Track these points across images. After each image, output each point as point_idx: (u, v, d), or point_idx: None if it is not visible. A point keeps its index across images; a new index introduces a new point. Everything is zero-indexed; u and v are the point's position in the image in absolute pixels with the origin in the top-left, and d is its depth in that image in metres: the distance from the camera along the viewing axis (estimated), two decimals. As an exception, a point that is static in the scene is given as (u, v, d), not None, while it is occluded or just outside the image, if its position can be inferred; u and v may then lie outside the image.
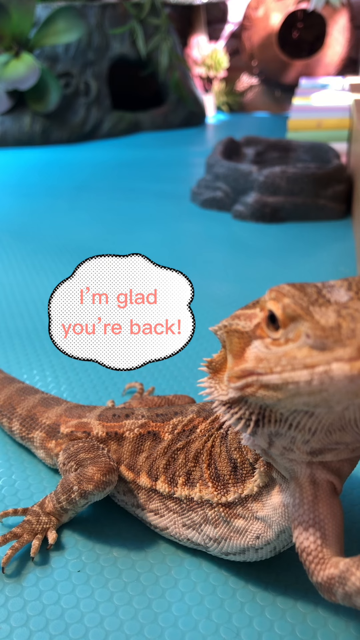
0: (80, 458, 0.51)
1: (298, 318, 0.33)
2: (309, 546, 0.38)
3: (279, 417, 0.35)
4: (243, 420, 0.37)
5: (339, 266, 1.12)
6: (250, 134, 1.88)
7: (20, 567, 0.49)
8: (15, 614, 0.45)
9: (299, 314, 0.33)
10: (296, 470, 0.39)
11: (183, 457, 0.48)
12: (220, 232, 1.37)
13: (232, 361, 0.38)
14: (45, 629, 0.43)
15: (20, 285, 1.09)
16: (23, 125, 2.44)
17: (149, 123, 2.74)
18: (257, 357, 0.35)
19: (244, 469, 0.44)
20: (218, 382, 0.40)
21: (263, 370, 0.34)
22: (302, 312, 0.32)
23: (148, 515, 0.50)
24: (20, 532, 0.50)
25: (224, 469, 0.45)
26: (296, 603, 0.45)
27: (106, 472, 0.49)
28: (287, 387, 0.32)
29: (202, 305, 0.98)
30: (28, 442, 0.60)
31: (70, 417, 0.58)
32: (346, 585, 0.35)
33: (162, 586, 0.47)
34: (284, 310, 0.33)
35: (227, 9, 3.18)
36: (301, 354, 0.32)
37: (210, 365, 0.41)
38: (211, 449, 0.47)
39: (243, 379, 0.35)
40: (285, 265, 1.15)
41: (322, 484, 0.39)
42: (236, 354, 0.37)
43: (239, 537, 0.45)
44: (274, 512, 0.42)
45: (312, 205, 1.40)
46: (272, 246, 1.27)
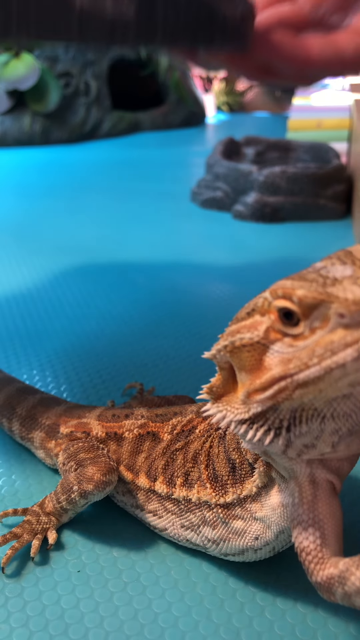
0: (80, 458, 0.51)
1: (321, 304, 0.32)
2: (308, 546, 0.38)
3: (311, 414, 0.34)
4: (272, 430, 0.35)
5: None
6: (250, 134, 1.88)
7: (20, 567, 0.49)
8: (15, 615, 0.45)
9: (321, 299, 0.32)
10: (295, 469, 0.39)
11: (182, 458, 0.48)
12: (220, 232, 1.37)
13: (247, 377, 0.36)
14: (45, 629, 0.43)
15: (20, 285, 1.09)
16: (23, 125, 2.44)
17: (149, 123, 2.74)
18: (282, 360, 0.34)
19: (242, 469, 0.44)
20: (226, 404, 0.38)
21: (296, 369, 0.33)
22: (325, 296, 0.32)
23: (147, 516, 0.50)
24: (20, 532, 0.50)
25: (222, 470, 0.45)
26: (296, 603, 0.45)
27: (106, 472, 0.49)
28: (331, 375, 0.31)
29: (202, 306, 0.98)
30: (28, 442, 0.60)
31: (70, 417, 0.58)
32: (345, 585, 0.35)
33: (162, 586, 0.47)
34: (302, 302, 0.32)
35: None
36: (337, 336, 0.31)
37: (212, 392, 0.39)
38: (209, 449, 0.47)
39: (271, 388, 0.34)
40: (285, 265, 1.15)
41: (321, 483, 0.39)
42: (251, 368, 0.35)
43: (238, 538, 0.45)
44: (272, 512, 0.42)
45: (312, 205, 1.40)
46: (272, 246, 1.27)
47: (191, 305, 0.98)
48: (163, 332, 0.88)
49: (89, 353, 0.83)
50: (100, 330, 0.90)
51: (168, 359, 0.80)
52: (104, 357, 0.82)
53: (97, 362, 0.80)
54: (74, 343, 0.86)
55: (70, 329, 0.91)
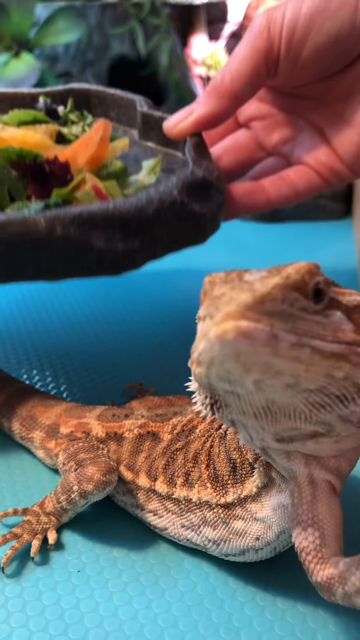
0: (80, 458, 0.51)
1: (206, 295, 0.33)
2: (308, 546, 0.38)
3: (221, 399, 0.35)
4: (203, 405, 0.37)
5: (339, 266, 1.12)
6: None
7: (20, 567, 0.49)
8: (15, 615, 0.45)
9: (205, 290, 0.34)
10: (294, 470, 0.39)
11: (182, 458, 0.48)
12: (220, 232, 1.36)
13: None
14: (45, 629, 0.43)
15: (20, 285, 1.09)
16: (23, 125, 2.44)
17: (149, 123, 2.74)
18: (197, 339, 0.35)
19: (243, 469, 0.44)
20: None
21: (193, 348, 0.34)
22: (208, 288, 0.33)
23: (147, 516, 0.50)
24: (20, 532, 0.50)
25: (223, 470, 0.45)
26: (296, 603, 0.45)
27: (106, 472, 0.49)
28: (199, 360, 0.32)
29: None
30: (28, 442, 0.60)
31: (70, 417, 0.58)
32: (346, 585, 0.35)
33: (162, 586, 0.47)
34: (202, 291, 0.34)
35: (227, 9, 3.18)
36: (203, 325, 0.32)
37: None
38: (210, 449, 0.47)
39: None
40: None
41: (320, 483, 0.39)
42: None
43: (239, 538, 0.45)
44: (273, 512, 0.42)
45: (312, 205, 1.40)
46: (272, 246, 1.27)
47: (191, 305, 0.98)
48: (163, 332, 0.88)
49: (89, 353, 0.83)
50: (101, 330, 0.90)
51: (168, 359, 0.80)
52: (104, 357, 0.82)
53: (97, 362, 0.80)
54: (74, 342, 0.86)
55: (71, 328, 0.91)
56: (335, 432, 0.36)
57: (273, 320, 0.30)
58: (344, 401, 0.34)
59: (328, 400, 0.33)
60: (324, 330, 0.33)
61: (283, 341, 0.30)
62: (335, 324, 0.34)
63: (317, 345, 0.32)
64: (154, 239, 0.56)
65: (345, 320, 0.34)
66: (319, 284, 0.33)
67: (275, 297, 0.31)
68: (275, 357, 0.30)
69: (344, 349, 0.33)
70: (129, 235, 0.53)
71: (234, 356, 0.30)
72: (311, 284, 0.33)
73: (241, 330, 0.29)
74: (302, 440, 0.37)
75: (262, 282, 0.32)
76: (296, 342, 0.31)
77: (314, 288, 0.33)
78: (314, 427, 0.35)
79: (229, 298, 0.31)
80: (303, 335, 0.31)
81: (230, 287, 0.32)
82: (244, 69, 0.60)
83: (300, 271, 0.33)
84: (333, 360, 0.32)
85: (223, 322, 0.30)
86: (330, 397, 0.33)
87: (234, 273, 0.34)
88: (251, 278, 0.33)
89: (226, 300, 0.31)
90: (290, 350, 0.31)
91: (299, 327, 0.31)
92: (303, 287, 0.33)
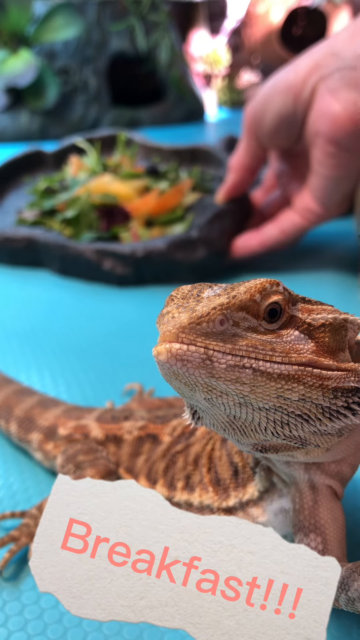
0: (79, 460, 0.51)
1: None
2: (311, 552, 0.37)
3: (198, 410, 0.36)
4: (189, 414, 0.37)
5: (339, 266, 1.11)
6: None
7: (18, 570, 0.48)
8: (13, 618, 0.44)
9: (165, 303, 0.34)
10: (295, 475, 0.39)
11: (182, 461, 0.48)
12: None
13: None
14: (44, 632, 0.43)
15: (19, 285, 1.09)
16: (21, 122, 2.43)
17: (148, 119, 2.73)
18: None
19: (245, 472, 0.44)
20: None
21: None
22: (166, 302, 0.34)
23: (147, 519, 0.50)
24: (18, 535, 0.49)
25: (225, 473, 0.45)
26: (297, 607, 0.44)
27: (105, 474, 0.49)
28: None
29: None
30: (26, 444, 0.59)
31: (69, 418, 0.57)
32: (349, 590, 0.35)
33: (161, 590, 0.46)
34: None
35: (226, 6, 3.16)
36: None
37: None
38: (211, 452, 0.46)
39: None
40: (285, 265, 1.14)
41: (321, 489, 0.38)
42: None
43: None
44: (274, 518, 0.42)
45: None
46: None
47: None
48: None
49: (88, 354, 0.82)
50: (99, 331, 0.90)
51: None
52: (103, 358, 0.81)
53: (96, 363, 0.80)
54: (72, 344, 0.86)
55: (69, 329, 0.91)
56: (312, 445, 0.35)
57: (210, 341, 0.30)
58: (308, 420, 0.33)
59: (290, 418, 0.33)
60: (273, 352, 0.31)
61: (219, 363, 0.30)
62: (290, 344, 0.32)
63: (261, 367, 0.31)
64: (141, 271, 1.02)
65: (304, 340, 0.33)
66: (274, 303, 0.32)
67: (212, 318, 0.30)
68: (212, 378, 0.30)
69: (294, 370, 0.31)
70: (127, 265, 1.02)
71: (174, 376, 0.31)
72: (263, 304, 0.32)
73: (172, 352, 0.30)
74: (287, 451, 0.36)
75: (208, 301, 0.31)
76: (235, 363, 0.30)
77: (267, 308, 0.32)
78: (284, 441, 0.34)
79: (171, 317, 0.31)
80: (246, 357, 0.30)
81: (177, 306, 0.32)
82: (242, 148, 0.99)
83: (250, 290, 0.32)
84: (282, 382, 0.31)
85: (160, 344, 0.30)
86: (291, 416, 0.33)
87: (197, 289, 0.33)
88: (206, 295, 0.32)
89: (168, 319, 0.31)
90: (229, 372, 0.30)
91: (240, 348, 0.31)
92: (252, 306, 0.32)
